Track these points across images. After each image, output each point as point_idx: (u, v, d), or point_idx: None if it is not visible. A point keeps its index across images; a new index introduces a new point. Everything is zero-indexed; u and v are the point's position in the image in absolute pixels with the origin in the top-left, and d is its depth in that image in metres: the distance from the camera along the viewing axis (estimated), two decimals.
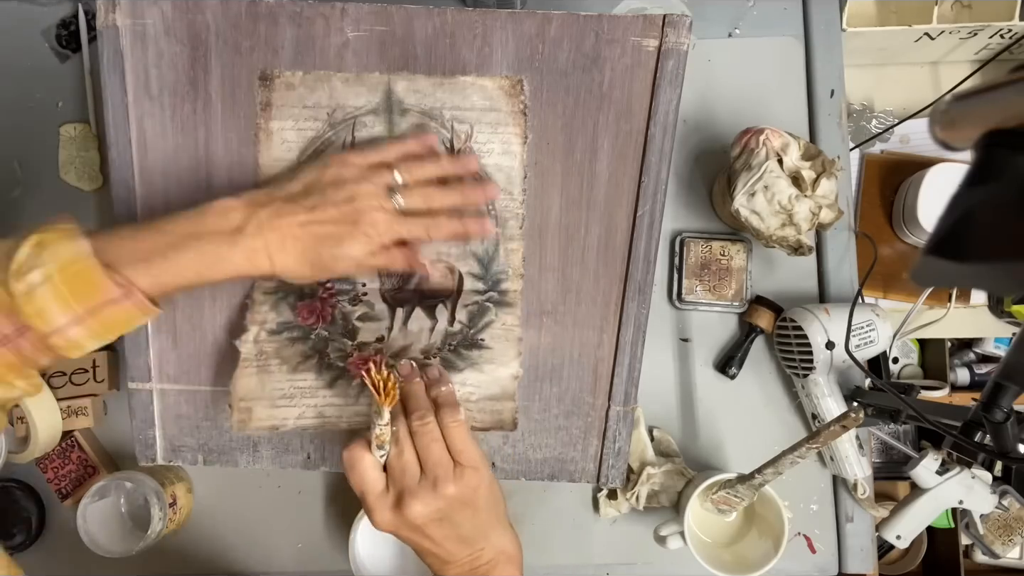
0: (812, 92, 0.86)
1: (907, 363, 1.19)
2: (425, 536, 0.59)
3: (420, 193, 0.62)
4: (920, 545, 1.35)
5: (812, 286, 0.85)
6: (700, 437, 0.84)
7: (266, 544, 0.83)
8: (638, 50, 0.65)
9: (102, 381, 0.81)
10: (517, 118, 0.66)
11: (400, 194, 0.61)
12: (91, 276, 0.52)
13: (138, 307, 0.54)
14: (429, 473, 0.58)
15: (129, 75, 0.66)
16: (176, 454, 0.73)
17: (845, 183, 0.85)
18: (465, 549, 0.60)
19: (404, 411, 0.60)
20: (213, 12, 0.65)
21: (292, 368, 0.69)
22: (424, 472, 0.58)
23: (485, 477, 0.60)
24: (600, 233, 0.68)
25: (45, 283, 0.51)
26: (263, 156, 0.67)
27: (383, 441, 0.58)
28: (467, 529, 0.60)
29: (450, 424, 0.59)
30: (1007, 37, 0.96)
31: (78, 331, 0.52)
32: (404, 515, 0.57)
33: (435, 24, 0.65)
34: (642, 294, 0.68)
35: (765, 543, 0.75)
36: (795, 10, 0.87)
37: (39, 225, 0.54)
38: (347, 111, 0.66)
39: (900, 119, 1.02)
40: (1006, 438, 0.59)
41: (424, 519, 0.57)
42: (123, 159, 0.67)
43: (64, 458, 0.81)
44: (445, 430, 0.59)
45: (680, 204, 0.85)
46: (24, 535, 0.82)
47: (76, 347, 0.53)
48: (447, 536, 0.59)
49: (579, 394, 0.71)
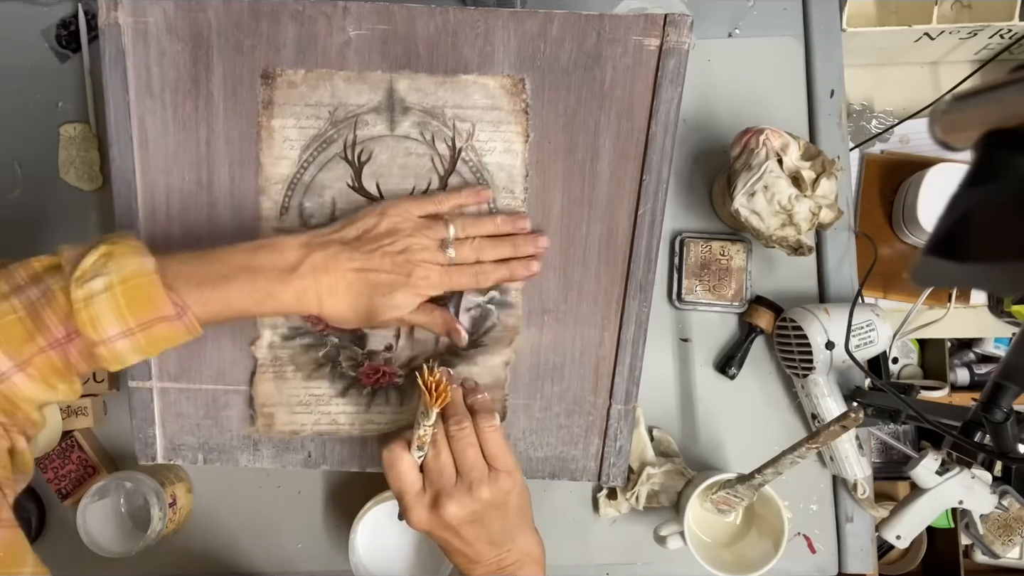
0: (812, 92, 0.87)
1: (907, 363, 1.19)
2: (457, 536, 0.60)
3: (472, 246, 0.64)
4: (920, 545, 1.35)
5: (812, 286, 0.85)
6: (700, 437, 0.84)
7: (266, 544, 0.83)
8: (639, 49, 0.65)
9: (102, 381, 0.81)
10: (519, 117, 0.66)
11: (452, 247, 0.63)
12: (151, 291, 0.53)
13: (187, 327, 0.55)
14: (465, 476, 0.59)
15: (131, 73, 0.66)
16: (176, 453, 0.72)
17: (845, 183, 0.85)
18: (493, 550, 0.62)
19: (441, 416, 0.61)
20: (215, 10, 0.65)
21: (307, 375, 0.70)
22: (460, 475, 0.60)
23: (518, 482, 0.62)
24: (601, 232, 0.68)
25: (105, 292, 0.51)
26: (265, 154, 0.67)
27: (424, 442, 0.59)
28: (497, 531, 0.61)
29: (486, 429, 0.61)
30: (1007, 37, 0.96)
31: (124, 344, 0.53)
32: (440, 515, 0.59)
33: (437, 23, 0.65)
34: (643, 292, 0.68)
35: (765, 543, 0.75)
36: (795, 10, 0.88)
37: (106, 236, 0.55)
38: (349, 109, 0.66)
39: (900, 119, 1.02)
40: (1006, 438, 0.59)
41: (459, 520, 0.59)
42: (124, 157, 0.67)
43: (64, 458, 0.81)
44: (481, 435, 0.61)
45: (680, 204, 0.85)
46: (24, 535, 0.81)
47: (119, 360, 0.54)
48: (478, 537, 0.61)
49: (580, 393, 0.71)
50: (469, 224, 0.65)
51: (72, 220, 0.84)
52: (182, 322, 0.54)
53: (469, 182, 0.67)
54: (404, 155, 0.67)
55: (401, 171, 0.67)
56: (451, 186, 0.67)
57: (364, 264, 0.60)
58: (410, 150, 0.67)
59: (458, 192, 0.66)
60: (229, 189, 0.68)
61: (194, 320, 0.55)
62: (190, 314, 0.54)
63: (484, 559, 0.61)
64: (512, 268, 0.66)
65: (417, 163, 0.67)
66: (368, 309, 0.60)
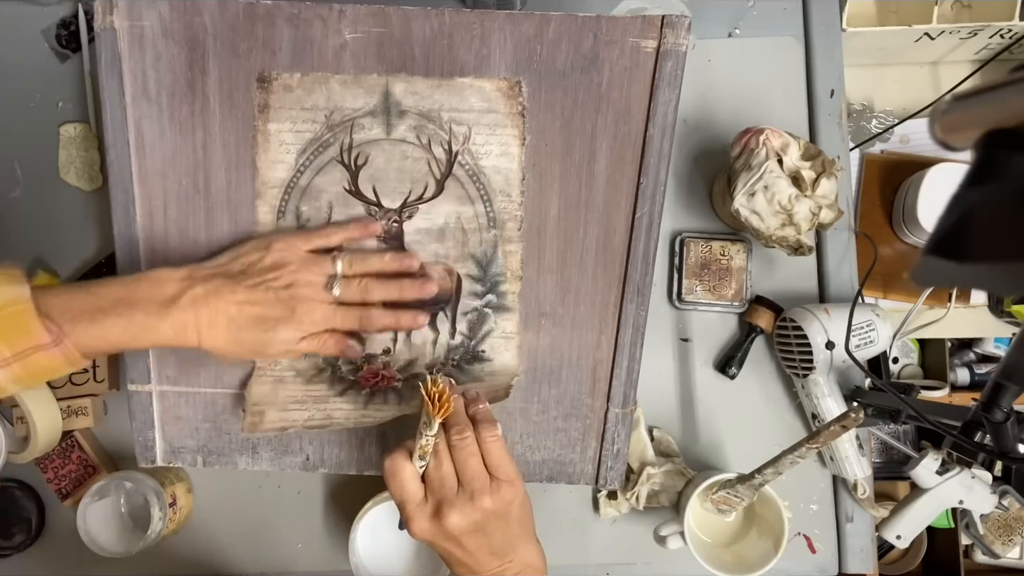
0: (812, 92, 0.86)
1: (907, 363, 1.18)
2: (459, 546, 0.60)
3: (359, 286, 0.64)
4: (920, 545, 1.35)
5: (812, 286, 0.85)
6: (700, 437, 0.84)
7: (266, 544, 0.83)
8: (636, 51, 0.65)
9: (102, 381, 0.81)
10: (515, 120, 0.66)
11: (338, 285, 0.63)
12: (24, 319, 0.53)
13: (66, 357, 0.55)
14: (467, 486, 0.59)
15: (127, 77, 0.66)
16: (176, 455, 0.73)
17: (845, 183, 0.84)
18: (495, 561, 0.61)
19: (443, 427, 0.61)
20: (211, 14, 0.65)
21: (307, 380, 0.70)
22: (462, 485, 0.59)
23: (520, 491, 0.61)
24: (598, 235, 0.68)
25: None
26: (261, 158, 0.67)
27: (426, 452, 0.59)
28: (499, 541, 0.61)
29: (488, 439, 0.60)
30: (1007, 37, 0.95)
31: (2, 374, 0.53)
32: (442, 525, 0.59)
33: (433, 25, 0.65)
34: (640, 295, 0.68)
35: (765, 543, 0.75)
36: (795, 10, 0.87)
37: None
38: (345, 113, 0.66)
39: (900, 119, 1.01)
40: (1006, 438, 0.59)
41: (460, 530, 0.59)
42: (121, 161, 0.67)
43: (64, 458, 0.81)
44: (483, 444, 0.60)
45: (680, 204, 0.85)
46: (24, 535, 0.82)
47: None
48: (479, 547, 0.60)
49: (578, 396, 0.71)
50: (357, 261, 0.65)
51: (72, 220, 0.84)
52: (60, 351, 0.54)
53: (465, 185, 0.67)
54: (400, 159, 0.67)
55: (398, 175, 0.67)
56: (447, 190, 0.67)
57: (247, 298, 0.60)
58: (406, 154, 0.67)
59: (347, 226, 0.66)
60: (226, 193, 0.68)
61: (73, 350, 0.54)
62: (68, 343, 0.54)
63: (485, 570, 0.61)
64: (399, 318, 0.66)
65: (413, 167, 0.67)
66: (249, 343, 0.60)
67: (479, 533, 0.60)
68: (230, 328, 0.59)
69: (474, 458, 0.60)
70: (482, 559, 0.61)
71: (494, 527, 0.60)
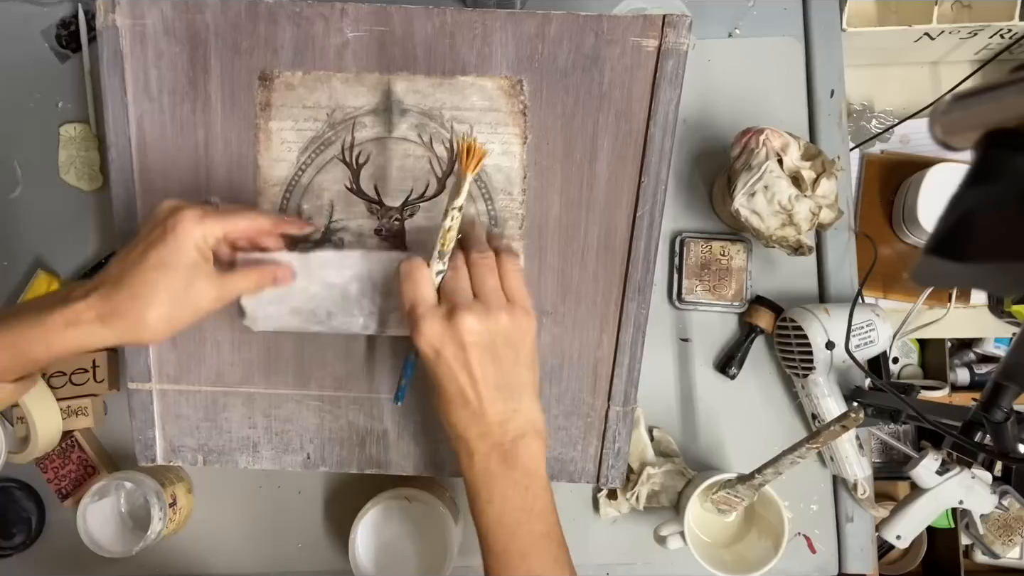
0: (812, 92, 0.86)
1: (907, 363, 1.18)
2: (466, 364, 0.55)
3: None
4: (920, 545, 1.35)
5: (812, 286, 0.85)
6: (700, 437, 0.84)
7: (266, 544, 0.83)
8: (638, 50, 0.65)
9: (102, 381, 0.81)
10: (517, 118, 0.66)
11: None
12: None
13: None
14: (484, 299, 0.56)
15: (128, 75, 0.66)
16: (176, 454, 0.73)
17: (845, 183, 0.85)
18: (499, 401, 0.57)
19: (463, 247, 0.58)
20: (213, 12, 0.65)
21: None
22: (478, 298, 0.56)
23: (534, 327, 0.58)
24: (600, 233, 0.68)
25: None
26: (263, 156, 0.67)
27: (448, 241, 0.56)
28: (507, 375, 0.57)
29: (508, 266, 0.58)
30: (1007, 37, 0.96)
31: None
32: (455, 327, 0.54)
33: (435, 24, 0.65)
34: (642, 294, 0.68)
35: (765, 543, 0.75)
36: (795, 10, 0.87)
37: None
38: (347, 111, 0.66)
39: (900, 119, 1.02)
40: (1006, 438, 0.59)
41: (473, 336, 0.55)
42: (123, 160, 0.67)
43: (64, 458, 0.81)
44: (502, 269, 0.57)
45: (680, 204, 0.85)
46: (24, 535, 0.82)
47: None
48: (486, 373, 0.56)
49: (579, 394, 0.71)
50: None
51: (72, 220, 0.84)
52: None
53: None
54: (402, 157, 0.67)
55: (399, 173, 0.67)
56: (448, 188, 0.67)
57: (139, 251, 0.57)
58: (408, 152, 0.67)
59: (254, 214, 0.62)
60: (228, 191, 0.68)
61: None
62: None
63: (490, 410, 0.56)
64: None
65: (415, 165, 0.67)
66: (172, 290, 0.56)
67: (489, 353, 0.56)
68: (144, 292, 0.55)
69: (492, 277, 0.57)
70: (487, 393, 0.56)
71: (504, 353, 0.56)
